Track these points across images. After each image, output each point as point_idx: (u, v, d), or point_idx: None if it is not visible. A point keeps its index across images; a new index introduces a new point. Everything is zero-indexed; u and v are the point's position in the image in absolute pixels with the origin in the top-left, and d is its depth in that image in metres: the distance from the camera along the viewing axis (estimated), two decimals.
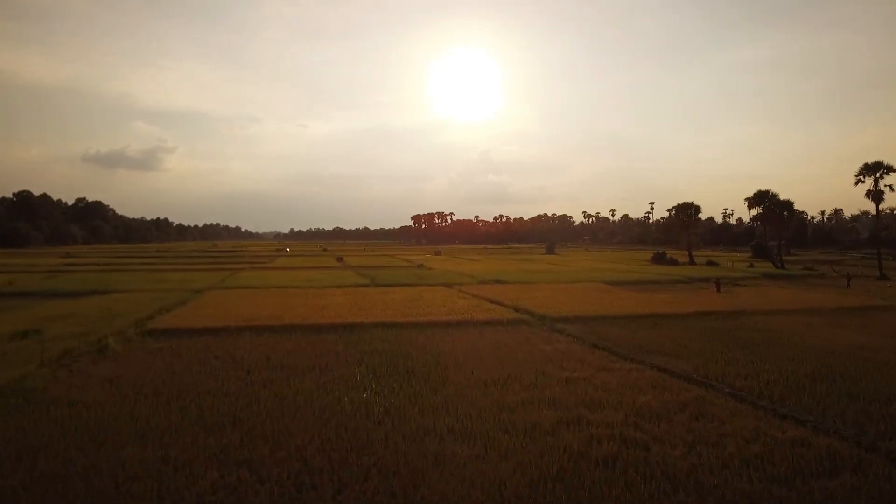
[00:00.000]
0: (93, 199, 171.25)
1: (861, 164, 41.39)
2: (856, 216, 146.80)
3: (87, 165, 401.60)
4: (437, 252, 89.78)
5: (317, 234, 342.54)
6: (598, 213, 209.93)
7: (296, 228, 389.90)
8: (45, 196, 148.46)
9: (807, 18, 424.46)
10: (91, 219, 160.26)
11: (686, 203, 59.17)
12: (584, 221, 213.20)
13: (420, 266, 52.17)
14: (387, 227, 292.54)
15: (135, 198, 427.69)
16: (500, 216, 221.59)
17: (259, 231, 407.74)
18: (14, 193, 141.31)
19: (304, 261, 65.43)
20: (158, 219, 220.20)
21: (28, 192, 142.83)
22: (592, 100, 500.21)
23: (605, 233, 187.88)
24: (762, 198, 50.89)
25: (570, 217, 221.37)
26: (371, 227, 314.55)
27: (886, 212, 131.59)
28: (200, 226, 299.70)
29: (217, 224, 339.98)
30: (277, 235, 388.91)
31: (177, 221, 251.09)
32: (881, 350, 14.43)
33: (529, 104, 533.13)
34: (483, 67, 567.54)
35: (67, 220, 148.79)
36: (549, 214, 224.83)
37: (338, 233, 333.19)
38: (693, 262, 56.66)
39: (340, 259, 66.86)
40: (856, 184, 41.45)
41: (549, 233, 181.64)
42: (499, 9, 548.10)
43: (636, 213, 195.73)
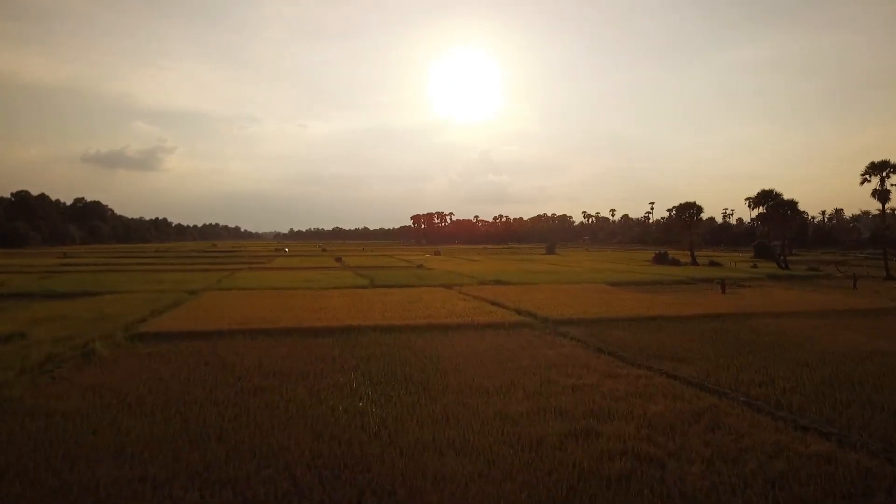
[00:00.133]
0: (91, 199, 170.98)
1: (867, 164, 40.90)
2: (856, 216, 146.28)
3: (87, 165, 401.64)
4: (437, 252, 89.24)
5: (316, 234, 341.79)
6: (598, 213, 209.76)
7: (295, 228, 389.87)
8: (44, 196, 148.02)
9: (807, 18, 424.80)
10: (89, 219, 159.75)
11: (688, 203, 58.67)
12: (584, 221, 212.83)
13: (419, 266, 51.66)
14: (386, 227, 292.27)
15: (134, 198, 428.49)
16: (500, 216, 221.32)
17: (259, 231, 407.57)
18: (12, 193, 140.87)
19: (303, 261, 64.87)
20: (157, 219, 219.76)
21: (26, 192, 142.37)
22: (592, 100, 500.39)
23: (605, 233, 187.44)
24: (766, 197, 50.36)
25: (570, 217, 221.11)
26: (371, 227, 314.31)
27: (888, 211, 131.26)
28: (200, 226, 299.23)
29: (216, 224, 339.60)
30: (277, 235, 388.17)
31: (176, 221, 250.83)
32: None
33: (529, 104, 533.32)
34: (483, 67, 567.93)
35: (66, 221, 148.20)
36: (549, 214, 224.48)
37: (337, 233, 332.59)
38: (695, 263, 56.13)
39: (339, 259, 66.32)
40: (861, 183, 40.98)
41: (549, 233, 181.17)
42: (499, 9, 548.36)
43: (636, 213, 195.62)
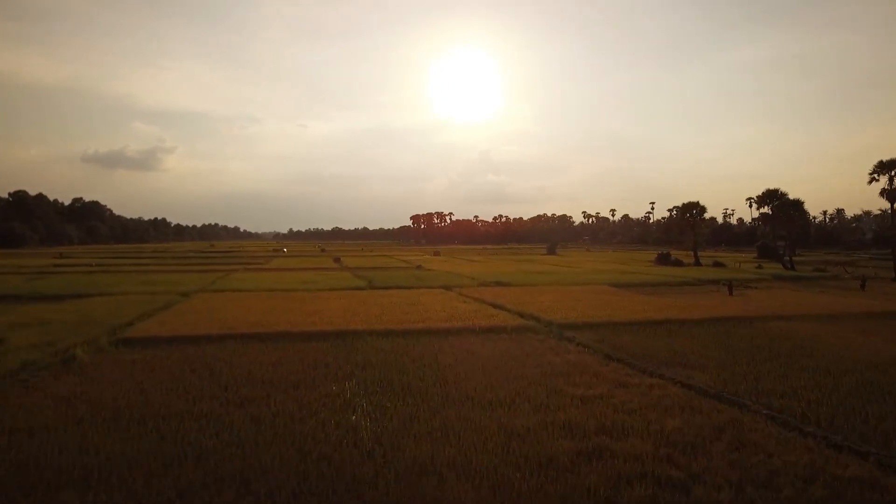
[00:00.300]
0: (90, 200, 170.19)
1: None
2: (858, 216, 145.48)
3: (87, 166, 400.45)
4: (436, 252, 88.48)
5: (316, 235, 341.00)
6: (598, 213, 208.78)
7: (295, 228, 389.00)
8: (41, 196, 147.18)
9: (807, 18, 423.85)
10: (88, 219, 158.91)
11: (692, 203, 57.89)
12: (584, 221, 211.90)
13: (419, 267, 50.93)
14: (386, 228, 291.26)
15: (134, 198, 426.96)
16: (500, 216, 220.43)
17: (258, 231, 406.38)
18: (9, 193, 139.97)
19: (301, 262, 64.12)
20: (156, 219, 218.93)
21: (23, 192, 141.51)
22: (592, 100, 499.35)
23: (606, 233, 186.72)
24: (771, 197, 49.58)
25: (570, 217, 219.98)
26: (370, 228, 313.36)
27: (888, 212, 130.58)
28: (199, 226, 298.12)
29: (216, 224, 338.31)
30: (276, 235, 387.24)
31: (176, 222, 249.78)
32: None
33: (529, 104, 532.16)
34: (483, 67, 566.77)
35: (64, 221, 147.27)
36: (549, 214, 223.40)
37: (337, 233, 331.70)
38: (699, 263, 55.38)
39: (338, 260, 65.55)
40: (870, 182, 40.22)
41: (549, 233, 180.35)
42: (499, 9, 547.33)
43: (636, 214, 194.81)
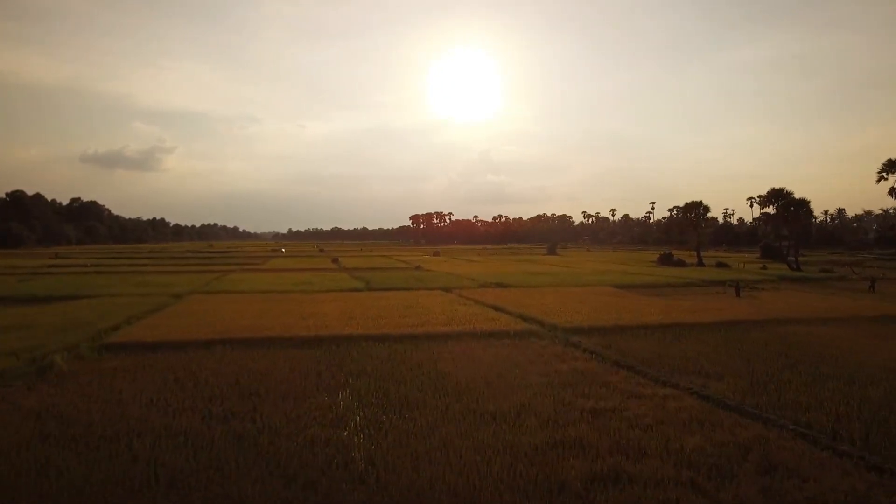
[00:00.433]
0: (88, 199, 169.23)
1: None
2: (859, 216, 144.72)
3: (86, 165, 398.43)
4: (436, 253, 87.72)
5: (315, 235, 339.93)
6: (598, 213, 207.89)
7: (294, 228, 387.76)
8: (39, 196, 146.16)
9: (807, 18, 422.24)
10: (86, 219, 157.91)
11: (694, 202, 57.16)
12: (584, 221, 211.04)
13: (418, 268, 50.18)
14: (385, 228, 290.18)
15: (133, 198, 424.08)
16: (500, 216, 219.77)
17: (257, 231, 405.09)
18: (7, 193, 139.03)
19: (299, 262, 63.35)
20: (155, 219, 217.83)
21: (21, 192, 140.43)
22: (592, 100, 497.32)
23: (606, 233, 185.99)
24: (776, 197, 48.87)
25: (570, 217, 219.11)
26: (370, 228, 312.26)
27: (891, 211, 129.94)
28: (198, 226, 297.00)
29: (215, 224, 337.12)
30: (276, 236, 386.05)
31: (175, 222, 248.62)
32: None
33: (529, 104, 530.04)
34: (483, 67, 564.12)
35: (61, 221, 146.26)
36: (549, 214, 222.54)
37: (336, 233, 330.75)
38: (702, 264, 54.64)
39: (336, 260, 64.76)
40: (878, 181, 39.58)
41: (549, 233, 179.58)
42: (499, 9, 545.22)
43: (636, 214, 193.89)
